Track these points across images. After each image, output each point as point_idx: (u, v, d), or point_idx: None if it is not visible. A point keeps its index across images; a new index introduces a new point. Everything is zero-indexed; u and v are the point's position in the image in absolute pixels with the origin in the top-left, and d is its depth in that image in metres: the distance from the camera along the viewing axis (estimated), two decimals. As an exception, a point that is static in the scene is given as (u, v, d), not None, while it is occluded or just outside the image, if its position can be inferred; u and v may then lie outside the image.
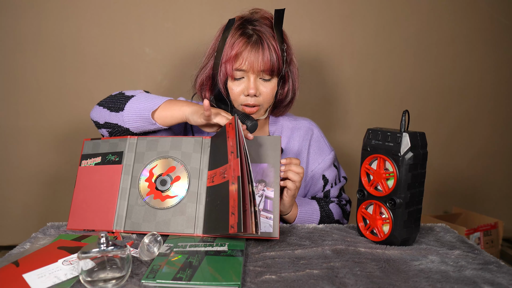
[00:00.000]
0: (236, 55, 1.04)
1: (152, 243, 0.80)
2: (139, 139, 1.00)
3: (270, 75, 1.06)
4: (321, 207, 1.12)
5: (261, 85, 1.07)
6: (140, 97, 1.04)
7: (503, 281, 0.72)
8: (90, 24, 1.83)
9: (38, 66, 1.84)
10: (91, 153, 1.01)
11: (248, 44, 1.04)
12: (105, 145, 1.01)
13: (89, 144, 1.03)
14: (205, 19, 1.89)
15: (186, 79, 1.91)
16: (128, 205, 0.93)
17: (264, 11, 1.12)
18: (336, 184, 1.21)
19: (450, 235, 0.96)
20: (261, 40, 1.05)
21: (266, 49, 1.04)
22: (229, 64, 1.05)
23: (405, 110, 0.86)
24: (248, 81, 1.06)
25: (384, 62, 2.02)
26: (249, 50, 1.04)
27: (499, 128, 2.16)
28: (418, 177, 0.87)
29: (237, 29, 1.07)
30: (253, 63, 1.04)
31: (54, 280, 0.70)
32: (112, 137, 1.04)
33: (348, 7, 1.95)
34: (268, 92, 1.08)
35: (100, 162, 0.99)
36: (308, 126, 1.21)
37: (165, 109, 1.00)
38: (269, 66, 1.04)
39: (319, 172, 1.18)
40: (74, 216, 0.96)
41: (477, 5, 2.03)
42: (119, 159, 0.98)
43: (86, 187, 0.98)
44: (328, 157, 1.20)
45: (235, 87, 1.07)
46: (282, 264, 0.77)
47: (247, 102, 1.07)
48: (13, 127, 1.87)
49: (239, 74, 1.06)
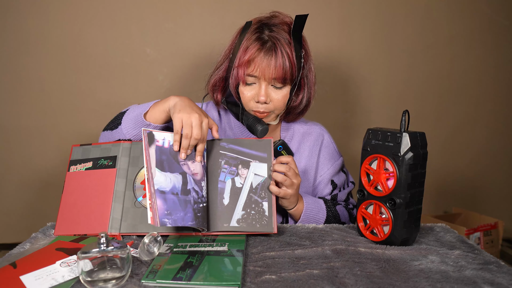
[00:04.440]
0: (249, 60, 1.02)
1: (152, 243, 0.80)
2: (133, 144, 1.00)
3: (282, 83, 1.04)
4: (328, 207, 1.11)
5: (272, 92, 1.05)
6: (134, 108, 1.07)
7: (503, 281, 0.72)
8: (92, 26, 1.84)
9: (41, 66, 1.84)
10: (81, 159, 1.00)
11: (261, 50, 1.02)
12: (96, 150, 1.00)
13: (78, 150, 1.01)
14: (205, 19, 1.89)
15: (186, 79, 1.93)
16: (124, 208, 0.93)
17: (284, 16, 1.09)
18: (344, 189, 1.21)
19: (450, 235, 0.96)
20: (275, 47, 1.02)
21: (280, 56, 1.01)
22: (241, 69, 1.04)
23: (405, 110, 0.86)
24: (259, 88, 1.04)
25: (382, 63, 2.02)
26: (262, 57, 1.02)
27: (499, 128, 2.16)
28: (418, 177, 0.87)
29: (253, 33, 1.05)
30: (264, 70, 1.02)
31: (51, 282, 0.69)
32: (104, 142, 1.03)
33: (346, 8, 1.95)
34: (279, 99, 1.06)
35: (91, 167, 0.98)
36: (319, 132, 1.21)
37: (155, 108, 1.02)
38: (281, 74, 1.02)
39: (327, 177, 1.18)
40: (62, 221, 0.93)
41: (475, 6, 2.03)
42: (112, 163, 0.97)
43: (75, 192, 0.96)
44: (337, 162, 1.20)
45: (246, 92, 1.06)
46: (282, 264, 0.77)
47: (257, 109, 1.06)
48: (16, 127, 1.88)
49: (251, 79, 1.04)
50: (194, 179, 0.92)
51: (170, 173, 0.90)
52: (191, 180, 0.91)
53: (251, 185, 0.95)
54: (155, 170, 0.89)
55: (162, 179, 0.88)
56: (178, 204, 0.87)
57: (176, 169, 0.91)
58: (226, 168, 0.96)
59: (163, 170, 0.89)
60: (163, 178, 0.89)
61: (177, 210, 0.86)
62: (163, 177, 0.89)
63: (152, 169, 0.89)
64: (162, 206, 0.86)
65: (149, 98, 1.90)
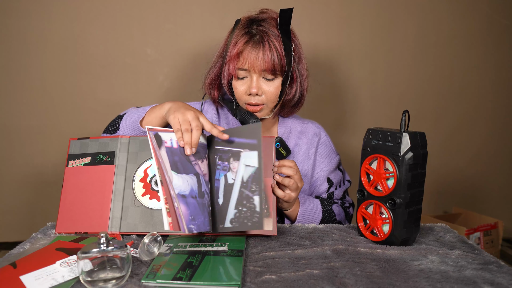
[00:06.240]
0: (238, 54, 1.05)
1: (152, 243, 0.80)
2: (131, 139, 0.97)
3: (272, 74, 1.05)
4: (324, 207, 1.12)
5: (264, 84, 1.07)
6: (131, 112, 1.08)
7: (503, 281, 0.72)
8: (93, 26, 1.85)
9: (42, 66, 1.85)
10: (79, 153, 0.97)
11: (249, 43, 1.04)
12: (94, 144, 0.98)
13: (76, 143, 0.99)
14: (205, 20, 1.90)
15: (186, 79, 1.93)
16: (123, 206, 0.91)
17: (272, 12, 1.11)
18: (340, 187, 1.22)
19: (450, 235, 0.96)
20: (263, 39, 1.04)
21: (267, 48, 1.03)
22: (231, 64, 1.06)
23: (405, 110, 0.86)
24: (250, 81, 1.06)
25: (382, 63, 2.02)
26: (250, 50, 1.04)
27: (499, 128, 2.16)
28: (418, 177, 0.87)
29: (242, 29, 1.08)
30: (253, 62, 1.04)
31: (51, 282, 0.69)
32: (102, 136, 1.02)
33: (346, 8, 1.95)
34: (271, 91, 1.07)
35: (89, 163, 0.96)
36: (316, 130, 1.22)
37: (151, 114, 1.03)
38: (270, 65, 1.04)
39: (324, 174, 1.19)
40: (63, 218, 0.92)
41: (476, 5, 2.03)
42: (110, 159, 0.95)
43: (75, 188, 0.94)
44: (333, 160, 1.21)
45: (239, 86, 1.08)
46: (282, 264, 0.77)
47: (250, 101, 1.08)
48: (17, 126, 1.88)
49: (242, 73, 1.06)
50: (205, 180, 0.91)
51: (186, 175, 0.89)
52: (203, 181, 0.91)
53: (242, 179, 0.92)
54: (171, 173, 0.86)
55: (180, 182, 0.87)
56: (198, 208, 0.86)
57: (190, 169, 0.90)
58: (220, 164, 0.95)
59: (179, 172, 0.88)
60: (180, 180, 0.87)
61: (199, 214, 0.85)
62: (180, 180, 0.87)
63: (168, 172, 0.86)
64: (186, 211, 0.83)
65: (149, 98, 1.92)
